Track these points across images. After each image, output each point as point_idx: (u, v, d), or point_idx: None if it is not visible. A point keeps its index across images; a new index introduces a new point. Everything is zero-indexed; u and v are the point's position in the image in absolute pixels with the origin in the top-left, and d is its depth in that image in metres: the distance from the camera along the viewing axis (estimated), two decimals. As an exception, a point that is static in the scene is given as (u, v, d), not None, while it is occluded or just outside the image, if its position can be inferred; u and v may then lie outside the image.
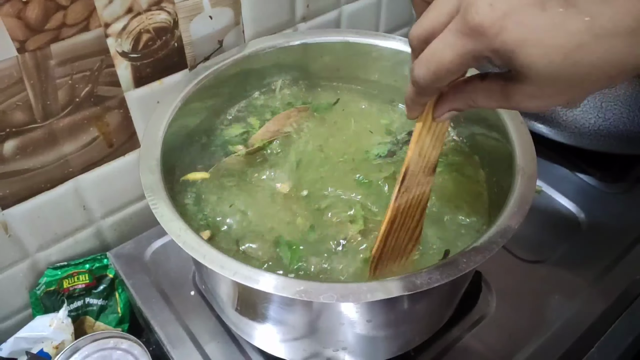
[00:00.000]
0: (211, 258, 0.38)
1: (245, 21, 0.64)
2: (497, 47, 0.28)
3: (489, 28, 0.28)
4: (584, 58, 0.27)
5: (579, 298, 0.60)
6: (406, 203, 0.42)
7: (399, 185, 0.40)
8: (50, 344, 0.58)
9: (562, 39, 0.27)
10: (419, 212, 0.44)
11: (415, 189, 0.42)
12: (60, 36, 0.50)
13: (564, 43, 0.27)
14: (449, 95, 0.35)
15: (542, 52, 0.27)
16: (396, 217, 0.42)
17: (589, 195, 0.71)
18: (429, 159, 0.40)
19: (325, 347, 0.46)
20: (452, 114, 0.36)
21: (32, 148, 0.54)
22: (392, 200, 0.41)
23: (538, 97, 0.30)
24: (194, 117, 0.55)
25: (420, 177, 0.41)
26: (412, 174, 0.40)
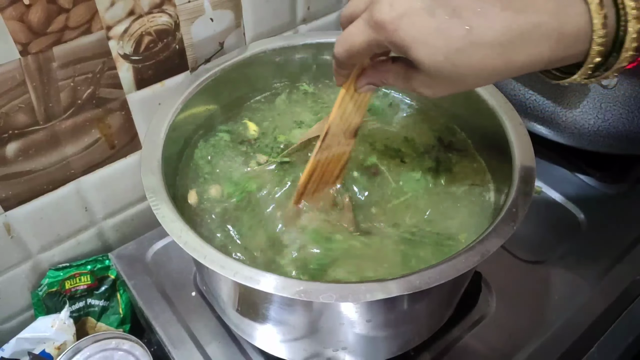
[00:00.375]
0: (212, 258, 0.38)
1: (246, 23, 0.64)
2: (394, 41, 0.34)
3: (388, 24, 0.34)
4: (461, 60, 0.33)
5: (578, 298, 0.60)
6: (326, 159, 0.48)
7: (320, 142, 0.46)
8: (52, 344, 0.59)
9: (444, 42, 0.33)
10: (338, 169, 0.50)
11: (336, 148, 0.47)
12: (62, 39, 0.50)
13: (445, 46, 0.33)
14: (368, 72, 0.42)
15: (428, 51, 0.33)
16: (315, 169, 0.48)
17: (589, 196, 0.71)
18: (350, 123, 0.46)
19: (326, 347, 0.46)
20: (369, 87, 0.43)
21: (35, 150, 0.54)
22: (313, 155, 0.47)
23: (429, 86, 0.36)
24: (195, 118, 0.56)
25: (341, 138, 0.47)
26: (333, 134, 0.46)
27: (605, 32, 0.32)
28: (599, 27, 0.32)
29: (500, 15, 0.32)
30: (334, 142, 0.47)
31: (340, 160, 0.49)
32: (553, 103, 0.69)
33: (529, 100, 0.70)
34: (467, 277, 0.50)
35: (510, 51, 0.32)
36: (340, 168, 0.50)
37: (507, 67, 0.33)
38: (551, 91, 0.68)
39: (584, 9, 0.31)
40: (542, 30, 0.32)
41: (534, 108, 0.70)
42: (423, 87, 0.37)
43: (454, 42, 0.32)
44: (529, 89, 0.70)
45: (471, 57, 0.33)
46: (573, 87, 0.66)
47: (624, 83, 0.64)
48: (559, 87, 0.67)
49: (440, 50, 0.33)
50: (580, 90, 0.66)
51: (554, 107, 0.68)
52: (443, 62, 0.33)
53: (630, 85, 0.64)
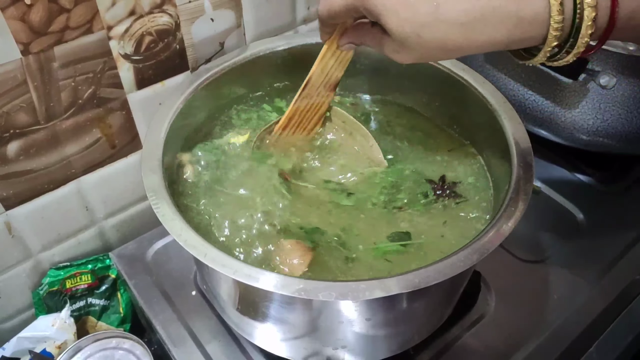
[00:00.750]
0: (212, 257, 0.39)
1: (247, 23, 0.65)
2: (368, 8, 0.38)
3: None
4: (427, 34, 0.36)
5: (578, 298, 0.60)
6: (305, 107, 0.53)
7: (300, 90, 0.51)
8: (53, 343, 0.59)
9: (412, 15, 0.36)
10: (316, 118, 0.55)
11: (315, 98, 0.53)
12: (63, 39, 0.50)
13: (413, 19, 0.36)
14: (349, 31, 0.47)
15: (397, 21, 0.37)
16: (294, 115, 0.53)
17: (588, 196, 0.71)
18: (330, 77, 0.52)
19: (325, 345, 0.46)
20: (350, 46, 0.48)
21: (36, 149, 0.55)
22: (293, 101, 0.52)
23: (398, 52, 0.40)
24: (195, 118, 0.56)
25: (321, 89, 0.53)
26: (313, 85, 0.52)
27: (561, 18, 0.34)
28: (556, 13, 0.34)
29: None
30: (314, 92, 0.52)
31: (318, 110, 0.54)
32: (552, 103, 0.69)
33: (528, 101, 0.70)
34: (466, 276, 0.50)
35: (471, 30, 0.35)
36: (319, 117, 0.55)
37: (468, 44, 0.36)
38: (550, 91, 0.69)
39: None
40: (501, 12, 0.35)
41: (533, 108, 0.70)
42: (393, 53, 0.40)
43: (421, 17, 0.36)
44: (528, 89, 0.70)
45: (435, 32, 0.36)
46: (572, 87, 0.67)
47: (623, 83, 0.64)
48: (558, 87, 0.67)
49: (408, 22, 0.36)
50: (579, 90, 0.67)
51: (553, 108, 0.69)
52: (410, 33, 0.37)
53: (629, 85, 0.64)
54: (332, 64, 0.50)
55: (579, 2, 0.34)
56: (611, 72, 0.63)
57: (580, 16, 0.34)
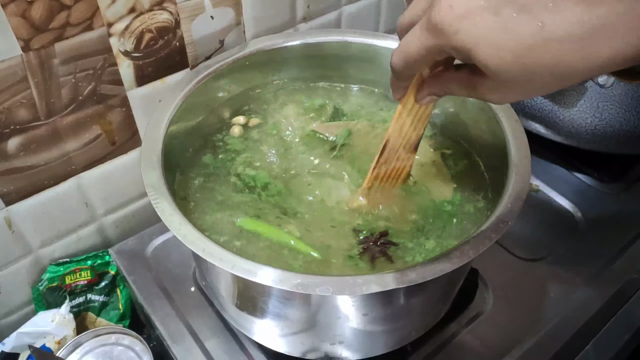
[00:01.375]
0: (210, 251, 0.39)
1: (246, 21, 0.65)
2: (455, 45, 0.31)
3: (448, 27, 0.31)
4: (534, 60, 0.30)
5: (575, 296, 0.60)
6: (385, 173, 0.48)
7: (378, 156, 0.46)
8: (53, 339, 0.59)
9: (513, 41, 0.29)
10: (399, 184, 0.51)
11: (395, 162, 0.48)
12: (64, 35, 0.50)
13: (515, 45, 0.30)
14: (428, 82, 0.40)
15: (495, 52, 0.30)
16: (374, 184, 0.49)
17: (586, 195, 0.71)
18: (409, 137, 0.46)
19: (323, 341, 0.47)
20: (431, 99, 0.41)
21: (36, 145, 0.55)
22: (371, 169, 0.47)
23: (497, 91, 0.33)
24: (195, 115, 0.56)
25: (401, 152, 0.47)
26: (392, 149, 0.46)
27: None
28: None
29: (575, 8, 0.28)
30: (393, 157, 0.47)
31: (400, 175, 0.49)
32: (550, 102, 0.69)
33: (527, 100, 0.71)
34: (462, 273, 0.50)
35: (590, 45, 0.28)
36: (401, 182, 0.50)
37: (587, 63, 0.29)
38: (548, 90, 0.69)
39: None
40: (629, 18, 0.27)
41: (531, 107, 0.70)
42: (490, 93, 0.34)
43: (524, 40, 0.29)
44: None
45: (544, 55, 0.29)
46: (570, 86, 0.67)
47: (621, 82, 0.64)
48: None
49: (508, 49, 0.30)
50: (577, 89, 0.67)
51: (551, 106, 0.69)
52: (512, 63, 0.30)
53: (627, 84, 0.64)
54: (410, 123, 0.44)
55: None
56: (609, 71, 0.63)
57: None
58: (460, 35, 0.31)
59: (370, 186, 0.49)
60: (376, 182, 0.49)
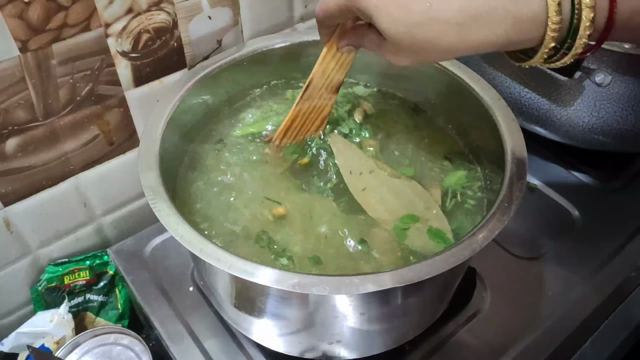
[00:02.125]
0: (208, 251, 0.39)
1: (244, 21, 0.65)
2: (360, 8, 0.38)
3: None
4: (420, 34, 0.36)
5: (572, 294, 0.60)
6: (307, 108, 0.53)
7: (302, 93, 0.51)
8: (51, 339, 0.59)
9: (405, 15, 0.36)
10: (319, 120, 0.55)
11: (318, 100, 0.53)
12: (61, 36, 0.51)
13: (407, 18, 0.36)
14: (348, 33, 0.46)
15: (391, 21, 0.36)
16: (297, 117, 0.53)
17: (583, 193, 0.71)
18: (332, 79, 0.51)
19: (321, 340, 0.47)
20: (349, 48, 0.47)
21: (34, 146, 0.55)
22: (295, 104, 0.52)
23: (395, 54, 0.39)
24: (192, 115, 0.56)
25: (323, 92, 0.52)
26: (315, 87, 0.51)
27: (559, 19, 0.33)
28: (554, 13, 0.33)
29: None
30: (316, 95, 0.52)
31: (321, 112, 0.54)
32: (548, 101, 0.69)
33: (524, 99, 0.71)
34: (460, 272, 0.50)
35: (467, 30, 0.35)
36: (322, 119, 0.55)
37: (463, 44, 0.35)
38: (546, 89, 0.69)
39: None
40: (498, 13, 0.34)
41: (528, 106, 0.70)
42: (390, 55, 0.40)
43: (414, 16, 0.35)
44: (523, 87, 0.70)
45: (429, 32, 0.35)
46: (567, 85, 0.67)
47: (618, 81, 0.64)
48: (554, 85, 0.68)
49: (401, 22, 0.36)
50: (574, 88, 0.67)
51: (548, 105, 0.69)
52: (403, 33, 0.36)
53: (624, 83, 0.64)
54: (333, 67, 0.50)
55: (577, 2, 0.33)
56: (606, 69, 0.63)
57: (578, 17, 0.33)
58: (365, 1, 0.37)
59: (292, 120, 0.53)
60: (298, 118, 0.53)
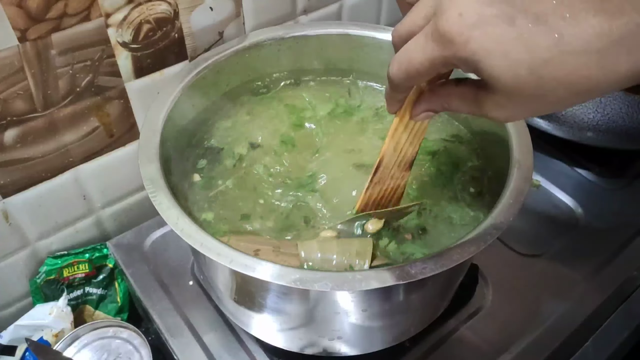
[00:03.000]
0: (208, 246, 0.38)
1: (246, 13, 0.64)
2: (464, 56, 0.29)
3: (457, 37, 0.29)
4: (549, 73, 0.28)
5: (575, 292, 0.60)
6: (378, 194, 0.44)
7: (371, 176, 0.42)
8: (50, 332, 0.59)
9: (528, 53, 0.27)
10: (393, 204, 0.46)
11: (389, 181, 0.44)
12: (61, 26, 0.50)
13: (530, 57, 0.28)
14: (425, 96, 0.37)
15: (508, 64, 0.28)
16: (367, 206, 0.45)
17: (587, 191, 0.71)
18: (405, 154, 0.42)
19: (321, 336, 0.47)
20: (428, 115, 0.38)
21: (33, 137, 0.54)
22: (364, 190, 0.44)
23: (505, 107, 0.31)
24: (193, 107, 0.56)
25: (395, 171, 0.43)
26: (386, 167, 0.42)
27: None
28: None
29: (593, 20, 0.27)
30: (387, 176, 0.43)
31: (394, 195, 0.46)
32: (553, 97, 0.68)
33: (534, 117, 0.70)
34: (463, 269, 0.50)
35: (609, 58, 0.27)
36: (395, 202, 0.47)
37: (605, 77, 0.28)
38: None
39: None
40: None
41: (533, 102, 0.70)
42: (497, 110, 0.32)
43: (540, 52, 0.27)
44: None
45: (561, 68, 0.27)
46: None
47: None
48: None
49: (523, 62, 0.28)
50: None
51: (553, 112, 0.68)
52: (526, 76, 0.28)
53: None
54: (406, 139, 0.41)
55: None
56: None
57: None
58: (470, 45, 0.28)
59: (362, 209, 0.46)
60: (369, 204, 0.45)
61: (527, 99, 0.29)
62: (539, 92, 0.29)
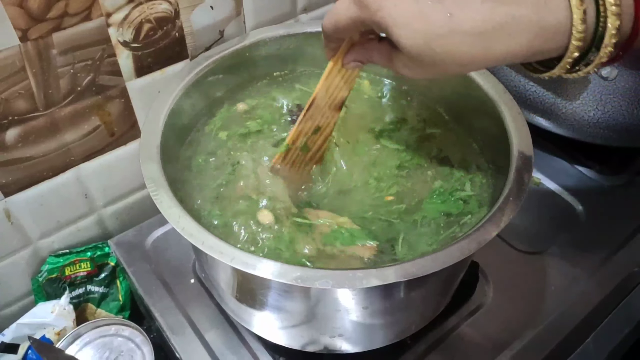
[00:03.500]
0: (210, 244, 0.39)
1: (247, 12, 0.64)
2: (376, 21, 0.35)
3: (371, 4, 0.35)
4: (440, 46, 0.34)
5: (575, 289, 0.60)
6: (309, 129, 0.50)
7: (304, 112, 0.48)
8: (52, 330, 0.59)
9: (424, 26, 0.34)
10: (321, 140, 0.51)
11: (320, 119, 0.49)
12: (62, 25, 0.50)
13: (426, 30, 0.34)
14: (355, 48, 0.44)
15: (409, 34, 0.34)
16: (298, 137, 0.50)
17: (588, 188, 0.71)
18: (336, 97, 0.48)
19: (323, 333, 0.47)
20: (356, 64, 0.44)
21: (34, 136, 0.55)
22: (296, 124, 0.49)
23: (409, 67, 0.37)
24: (194, 106, 0.56)
25: (326, 110, 0.49)
26: (318, 106, 0.48)
27: (584, 28, 0.32)
28: (579, 22, 0.32)
29: (482, 6, 0.33)
30: (318, 114, 0.49)
31: (323, 132, 0.51)
32: (553, 94, 0.68)
33: (529, 92, 0.70)
34: (463, 266, 0.50)
35: (489, 41, 0.33)
36: (323, 139, 0.52)
37: (485, 56, 0.34)
38: (551, 83, 0.68)
39: (564, 3, 0.32)
40: (521, 22, 0.32)
41: (533, 99, 0.70)
42: (404, 68, 0.38)
43: (434, 28, 0.33)
44: (529, 81, 0.70)
45: (450, 44, 0.34)
46: (573, 78, 0.66)
47: (624, 75, 0.64)
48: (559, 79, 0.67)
49: (420, 33, 0.34)
50: (580, 82, 0.66)
51: (553, 99, 0.68)
52: (422, 45, 0.34)
53: (631, 77, 0.64)
54: (338, 83, 0.47)
55: (602, 10, 0.32)
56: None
57: (603, 25, 0.32)
58: (381, 12, 0.35)
59: (294, 141, 0.50)
60: (300, 137, 0.50)
61: (425, 63, 0.36)
62: (432, 60, 0.35)
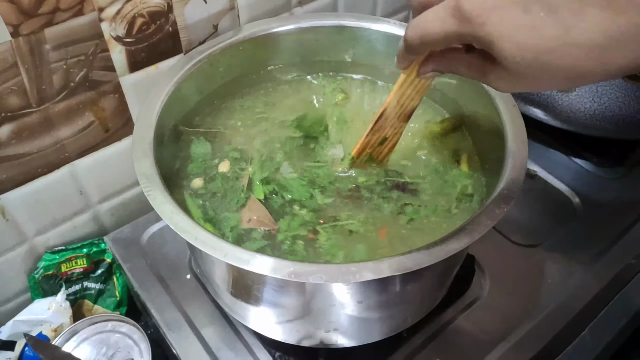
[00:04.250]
0: (203, 240, 0.38)
1: (241, 5, 0.64)
2: (480, 35, 0.32)
3: (476, 17, 0.32)
4: (552, 61, 0.31)
5: (572, 282, 0.60)
6: (376, 140, 0.49)
7: (373, 123, 0.47)
8: (49, 327, 0.59)
9: (536, 40, 0.30)
10: (387, 150, 0.51)
11: (388, 130, 0.49)
12: (54, 20, 0.50)
13: (538, 45, 0.31)
14: (435, 57, 0.40)
15: (517, 48, 0.31)
16: (365, 149, 0.50)
17: (584, 180, 0.71)
18: (406, 107, 0.47)
19: (318, 328, 0.47)
20: (434, 74, 0.41)
21: (28, 133, 0.54)
22: (364, 135, 0.48)
23: (507, 80, 0.34)
24: (188, 101, 0.56)
25: (394, 121, 0.48)
26: (387, 117, 0.47)
27: None
28: None
29: (599, 15, 0.29)
30: (387, 125, 0.48)
31: (390, 142, 0.50)
32: (549, 86, 0.68)
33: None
34: (458, 259, 0.50)
35: (608, 53, 0.30)
36: (389, 150, 0.51)
37: (602, 69, 0.31)
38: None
39: None
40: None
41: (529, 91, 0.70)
42: (499, 81, 0.35)
43: (547, 41, 0.30)
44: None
45: (564, 58, 0.30)
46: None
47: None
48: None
49: (530, 48, 0.31)
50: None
51: (549, 91, 0.68)
52: (531, 61, 0.31)
53: (627, 73, 0.64)
54: (409, 94, 0.45)
55: None
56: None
57: None
58: (487, 27, 0.31)
59: (359, 153, 0.50)
60: (366, 149, 0.50)
61: (528, 77, 0.32)
62: (540, 76, 0.32)
